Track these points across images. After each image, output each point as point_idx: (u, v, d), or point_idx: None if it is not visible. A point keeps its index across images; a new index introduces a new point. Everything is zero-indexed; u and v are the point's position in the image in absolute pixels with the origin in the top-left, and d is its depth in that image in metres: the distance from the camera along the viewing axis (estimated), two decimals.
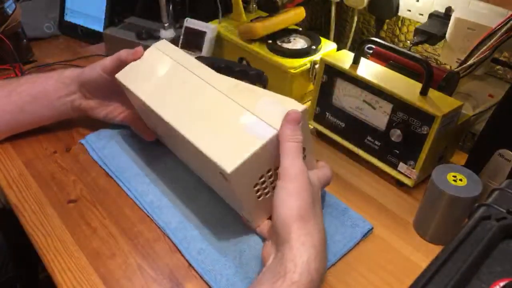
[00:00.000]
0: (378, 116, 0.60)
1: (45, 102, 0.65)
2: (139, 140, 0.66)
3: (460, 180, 0.50)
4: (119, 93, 0.62)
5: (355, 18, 0.84)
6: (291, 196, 0.42)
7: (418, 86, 0.57)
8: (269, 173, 0.48)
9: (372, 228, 0.55)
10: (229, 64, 0.66)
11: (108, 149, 0.66)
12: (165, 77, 0.56)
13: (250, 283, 0.47)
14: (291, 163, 0.43)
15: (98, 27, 0.99)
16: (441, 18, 0.70)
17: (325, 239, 0.43)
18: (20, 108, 0.64)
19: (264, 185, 0.49)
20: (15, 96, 0.63)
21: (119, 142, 0.67)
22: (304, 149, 0.47)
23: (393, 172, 0.61)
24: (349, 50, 0.73)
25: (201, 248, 0.52)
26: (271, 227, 0.48)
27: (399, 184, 0.61)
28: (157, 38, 0.85)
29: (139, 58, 0.60)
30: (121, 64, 0.60)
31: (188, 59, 0.56)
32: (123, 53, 0.61)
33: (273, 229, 0.44)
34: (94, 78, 0.63)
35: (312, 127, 0.70)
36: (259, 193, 0.49)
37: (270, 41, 0.76)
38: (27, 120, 0.66)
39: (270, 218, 0.51)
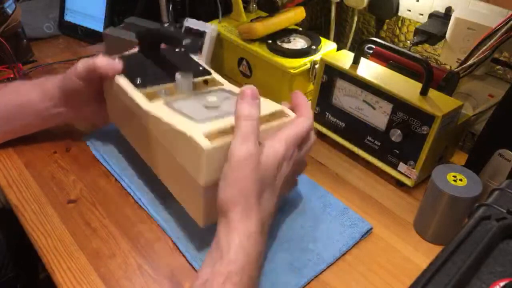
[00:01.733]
0: (378, 116, 0.60)
1: (31, 112, 0.63)
2: None
3: (460, 180, 0.50)
4: (96, 98, 0.62)
5: (355, 18, 0.84)
6: (229, 184, 0.41)
7: (418, 86, 0.57)
8: None
9: (371, 228, 0.55)
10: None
11: (110, 147, 0.66)
12: (130, 121, 0.57)
13: None
14: (239, 147, 0.41)
15: (98, 27, 0.99)
16: (441, 18, 0.70)
17: (265, 219, 0.43)
18: (6, 117, 0.63)
19: None
20: (0, 107, 0.62)
21: (121, 140, 0.67)
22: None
23: (393, 172, 0.61)
24: (349, 50, 0.73)
25: (200, 246, 0.52)
26: None
27: (399, 184, 0.61)
28: None
29: (118, 72, 0.57)
30: (95, 71, 0.57)
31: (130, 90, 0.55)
32: (102, 62, 0.57)
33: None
34: (72, 86, 0.59)
35: None
36: None
37: (270, 41, 0.76)
38: (16, 129, 0.65)
39: None
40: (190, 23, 0.80)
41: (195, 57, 0.63)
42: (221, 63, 0.87)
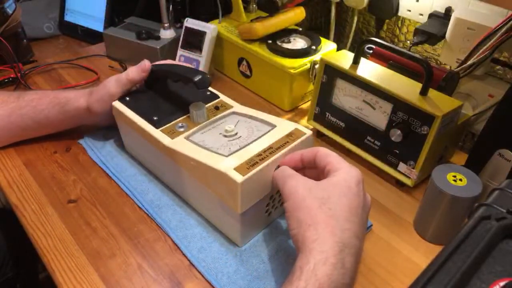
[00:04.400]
0: (378, 116, 0.60)
1: (48, 127, 0.65)
2: None
3: (460, 180, 0.50)
4: None
5: (355, 18, 0.84)
6: (290, 217, 0.42)
7: (418, 86, 0.57)
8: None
9: (371, 225, 0.55)
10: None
11: (106, 149, 0.66)
12: (151, 154, 0.58)
13: (251, 281, 0.48)
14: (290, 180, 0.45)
15: (98, 27, 0.99)
16: (441, 18, 0.70)
17: (346, 241, 0.39)
18: (22, 128, 0.64)
19: (273, 204, 0.53)
20: (17, 118, 0.63)
21: (117, 142, 0.67)
22: None
23: (393, 172, 0.61)
24: (349, 50, 0.73)
25: (202, 247, 0.52)
26: None
27: (399, 184, 0.61)
28: (157, 38, 0.85)
29: (148, 70, 0.61)
30: (132, 86, 0.61)
31: (136, 122, 0.57)
32: (134, 74, 0.60)
33: None
34: (105, 111, 0.62)
35: (312, 127, 0.70)
36: (268, 212, 0.53)
37: (270, 41, 0.76)
38: (29, 136, 0.67)
39: None
40: (190, 23, 0.80)
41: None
42: (221, 63, 0.88)
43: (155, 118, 0.56)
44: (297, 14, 0.79)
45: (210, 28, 0.78)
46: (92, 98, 0.61)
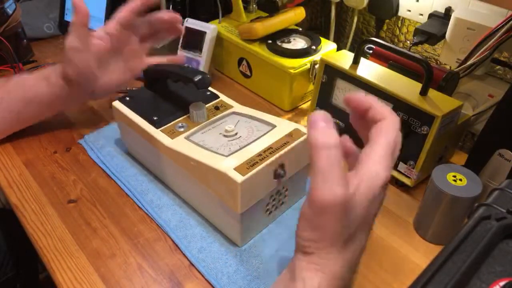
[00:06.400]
0: None
1: (41, 105, 0.64)
2: None
3: (460, 180, 0.50)
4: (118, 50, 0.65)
5: (355, 18, 0.84)
6: (312, 228, 0.34)
7: (418, 86, 0.57)
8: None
9: None
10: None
11: (106, 149, 0.66)
12: (152, 154, 0.58)
13: (251, 281, 0.48)
14: (321, 186, 0.32)
15: (98, 27, 0.99)
16: (441, 18, 0.70)
17: (353, 267, 0.35)
18: (15, 112, 0.64)
19: (273, 202, 0.53)
20: (7, 103, 0.63)
21: (117, 142, 0.67)
22: None
23: (392, 172, 0.61)
24: (349, 50, 0.73)
25: (202, 247, 0.52)
26: None
27: (399, 184, 0.61)
28: None
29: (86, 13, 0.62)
30: (134, 18, 0.62)
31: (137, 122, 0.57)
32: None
33: None
34: (90, 60, 0.61)
35: None
36: (268, 211, 0.53)
37: (270, 41, 0.76)
38: (25, 121, 0.66)
39: None
40: (190, 23, 0.80)
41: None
42: (221, 63, 0.88)
43: (155, 118, 0.56)
44: (297, 14, 0.79)
45: (210, 28, 0.78)
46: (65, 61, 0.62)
